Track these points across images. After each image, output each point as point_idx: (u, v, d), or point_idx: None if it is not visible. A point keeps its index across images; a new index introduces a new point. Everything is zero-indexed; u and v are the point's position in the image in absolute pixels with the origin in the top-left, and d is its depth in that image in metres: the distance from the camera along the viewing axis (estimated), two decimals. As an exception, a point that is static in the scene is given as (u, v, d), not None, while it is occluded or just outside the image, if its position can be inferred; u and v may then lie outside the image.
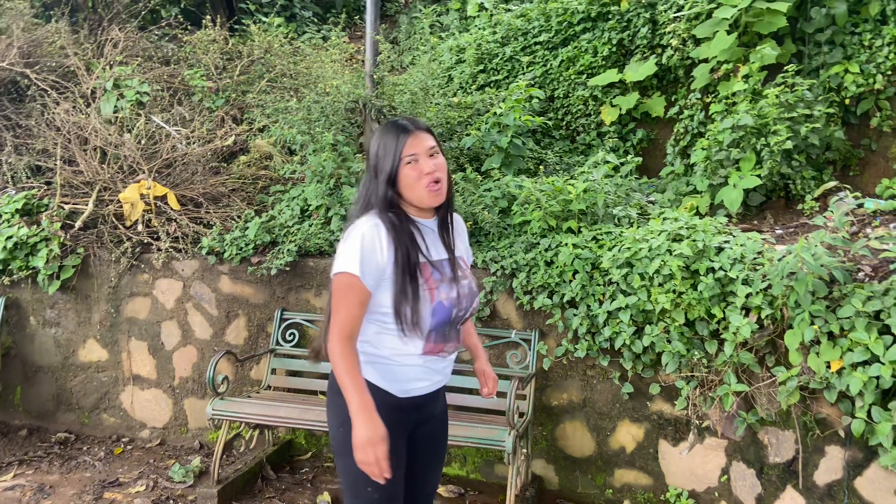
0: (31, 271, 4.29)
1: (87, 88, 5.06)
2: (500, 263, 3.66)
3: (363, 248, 1.86)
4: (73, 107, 4.93)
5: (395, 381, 1.96)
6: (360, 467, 1.81)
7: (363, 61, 5.65)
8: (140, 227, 4.33)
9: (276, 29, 6.06)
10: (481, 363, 2.28)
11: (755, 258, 3.08)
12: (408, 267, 1.88)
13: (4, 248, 4.23)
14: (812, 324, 2.80)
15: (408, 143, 1.91)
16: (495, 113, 4.57)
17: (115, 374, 4.37)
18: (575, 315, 3.45)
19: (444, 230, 2.04)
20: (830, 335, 2.81)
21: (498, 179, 4.16)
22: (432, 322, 1.90)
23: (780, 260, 2.87)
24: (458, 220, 2.15)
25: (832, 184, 3.70)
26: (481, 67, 5.72)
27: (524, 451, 3.45)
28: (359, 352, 1.93)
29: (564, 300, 3.47)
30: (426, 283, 1.90)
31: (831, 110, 4.07)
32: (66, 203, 4.50)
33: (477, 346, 2.32)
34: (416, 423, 2.07)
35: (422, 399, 2.03)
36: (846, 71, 4.18)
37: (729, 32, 4.26)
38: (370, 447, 1.78)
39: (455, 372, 3.67)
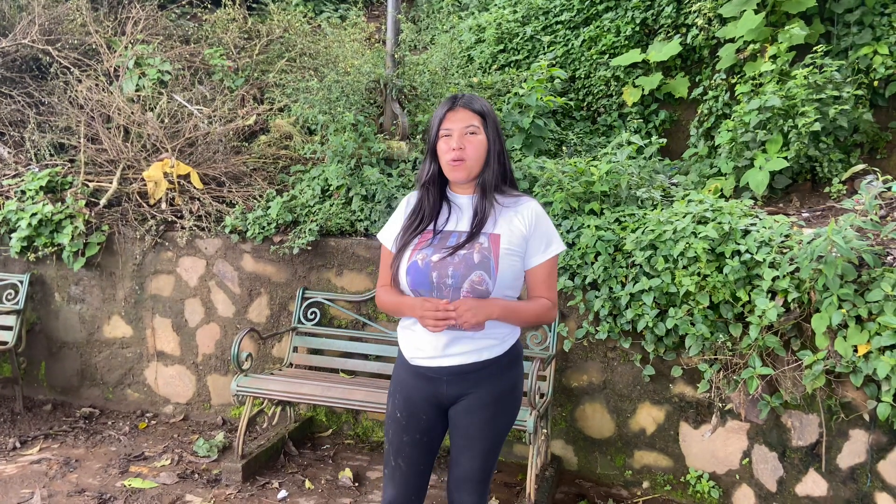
0: (56, 248, 4.34)
1: (109, 66, 5.07)
2: (522, 244, 3.65)
3: (392, 217, 2.21)
4: (96, 85, 4.94)
5: (405, 346, 2.14)
6: (427, 319, 1.94)
7: (382, 41, 5.62)
8: (164, 206, 4.36)
9: (294, 8, 6.03)
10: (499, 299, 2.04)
11: (782, 241, 3.06)
12: (407, 230, 2.09)
13: (29, 224, 4.28)
14: (840, 307, 2.78)
15: (446, 118, 2.03)
16: (516, 93, 4.54)
17: (139, 350, 4.43)
18: (597, 297, 3.44)
19: (480, 207, 2.05)
20: (858, 319, 2.79)
21: (519, 160, 4.14)
22: (408, 281, 2.01)
23: (809, 243, 2.85)
24: (521, 202, 2.08)
25: (860, 167, 3.65)
26: (501, 47, 5.67)
27: (544, 431, 3.46)
28: (399, 322, 2.20)
29: (586, 282, 3.47)
30: (415, 245, 2.05)
31: (860, 92, 4.01)
32: (91, 181, 4.53)
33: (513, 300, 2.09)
34: (438, 397, 2.10)
35: (429, 371, 2.07)
36: (875, 52, 4.12)
37: (756, 12, 4.20)
38: (419, 307, 1.96)
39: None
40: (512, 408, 2.12)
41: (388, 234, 2.19)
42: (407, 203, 2.19)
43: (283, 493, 3.41)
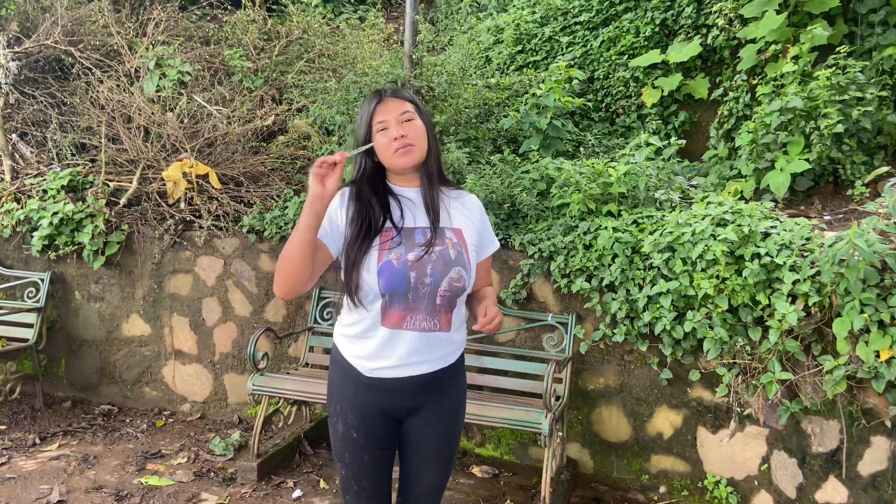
0: (76, 247, 4.40)
1: (130, 67, 5.13)
2: (538, 246, 3.63)
3: (328, 216, 1.89)
4: (117, 85, 5.00)
5: (360, 356, 1.93)
6: (312, 191, 1.73)
7: (400, 42, 5.63)
8: (182, 205, 4.40)
9: (313, 9, 6.06)
10: (486, 301, 2.00)
11: (803, 244, 3.01)
12: (362, 228, 1.85)
13: (51, 223, 4.34)
14: (862, 312, 2.73)
15: (377, 110, 1.88)
16: (534, 94, 4.52)
17: (157, 348, 4.47)
18: (614, 299, 3.41)
19: (431, 199, 1.93)
20: (880, 324, 2.74)
21: (536, 161, 4.12)
22: (382, 284, 1.82)
23: (830, 246, 2.80)
24: (463, 195, 2.04)
25: (884, 169, 3.58)
26: (520, 48, 5.65)
27: (560, 434, 3.45)
28: (336, 331, 2.03)
29: (603, 284, 3.44)
30: (380, 245, 1.85)
31: (884, 93, 3.93)
32: (111, 180, 4.59)
33: (487, 297, 2.05)
34: (397, 410, 1.96)
35: (391, 383, 1.91)
36: (900, 53, 4.04)
37: (779, 12, 4.14)
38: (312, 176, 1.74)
39: (490, 354, 3.70)
40: (463, 414, 2.08)
41: (328, 233, 1.88)
42: (342, 199, 1.92)
43: (297, 493, 3.42)
